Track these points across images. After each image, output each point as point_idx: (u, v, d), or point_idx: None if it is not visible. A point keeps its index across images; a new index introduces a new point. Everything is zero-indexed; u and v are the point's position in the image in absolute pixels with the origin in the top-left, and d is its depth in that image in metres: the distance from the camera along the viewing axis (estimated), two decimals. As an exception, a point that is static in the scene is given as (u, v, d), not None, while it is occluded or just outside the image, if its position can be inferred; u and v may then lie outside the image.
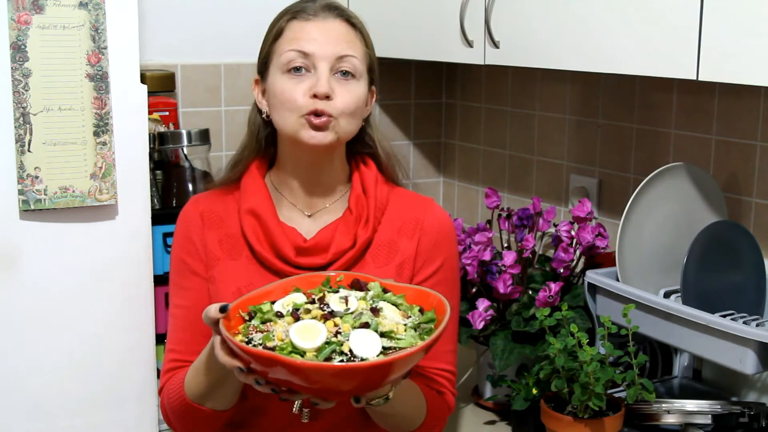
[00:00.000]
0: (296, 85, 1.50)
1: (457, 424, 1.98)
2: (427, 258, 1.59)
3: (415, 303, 1.36)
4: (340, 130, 1.52)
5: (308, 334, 1.24)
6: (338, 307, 1.30)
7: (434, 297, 1.35)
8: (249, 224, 1.57)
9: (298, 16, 1.54)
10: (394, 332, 1.26)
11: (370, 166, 1.62)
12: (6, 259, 1.74)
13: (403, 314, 1.32)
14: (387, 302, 1.34)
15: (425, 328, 1.30)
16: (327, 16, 1.54)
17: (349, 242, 1.55)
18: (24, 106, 1.70)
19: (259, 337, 1.27)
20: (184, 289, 1.60)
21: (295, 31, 1.53)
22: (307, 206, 1.61)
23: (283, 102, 1.51)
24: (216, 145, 2.27)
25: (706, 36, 1.46)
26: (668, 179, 1.77)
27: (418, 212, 1.61)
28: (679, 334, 1.66)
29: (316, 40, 1.51)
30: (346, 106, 1.51)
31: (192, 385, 1.49)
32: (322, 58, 1.50)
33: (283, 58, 1.52)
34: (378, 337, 1.24)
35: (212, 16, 2.33)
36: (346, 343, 1.22)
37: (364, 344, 1.23)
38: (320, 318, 1.28)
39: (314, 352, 1.22)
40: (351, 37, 1.55)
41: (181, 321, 1.59)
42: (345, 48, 1.52)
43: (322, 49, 1.51)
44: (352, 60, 1.53)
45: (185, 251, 1.60)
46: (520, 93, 2.40)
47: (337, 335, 1.24)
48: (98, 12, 1.73)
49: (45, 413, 1.81)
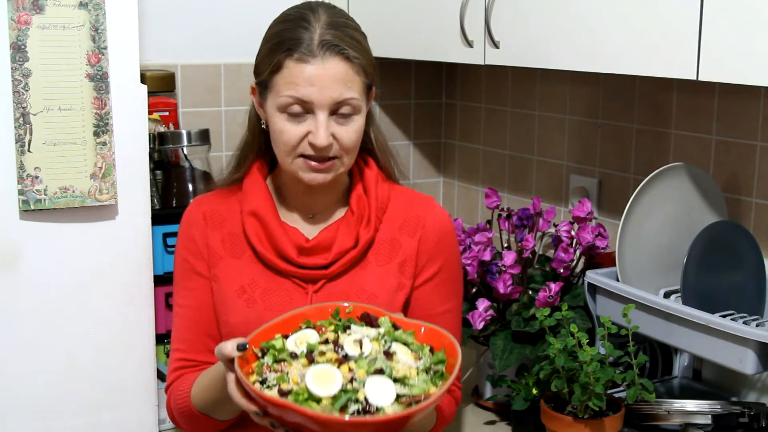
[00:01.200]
0: (294, 128, 1.48)
1: (457, 424, 1.98)
2: (430, 257, 1.60)
3: (425, 341, 1.36)
4: (340, 167, 1.52)
5: (323, 380, 1.25)
6: (353, 351, 1.30)
7: (444, 337, 1.36)
8: (251, 225, 1.57)
9: (295, 54, 1.46)
10: (407, 378, 1.27)
11: (371, 165, 1.62)
12: (6, 259, 1.74)
13: (414, 355, 1.33)
14: (398, 341, 1.34)
15: (436, 370, 1.31)
16: (325, 56, 1.46)
17: (351, 242, 1.56)
18: (24, 106, 1.70)
19: (273, 377, 1.27)
20: (187, 289, 1.60)
21: (293, 73, 1.46)
22: (308, 207, 1.61)
23: (280, 142, 1.50)
24: (216, 145, 2.27)
25: (706, 36, 1.46)
26: (668, 179, 1.77)
27: (420, 210, 1.61)
28: (679, 334, 1.66)
29: (314, 86, 1.45)
30: (348, 145, 1.50)
31: (199, 398, 1.51)
32: (321, 106, 1.46)
33: (280, 101, 1.48)
34: (392, 385, 1.26)
35: (212, 16, 2.33)
36: (361, 391, 1.23)
37: (379, 392, 1.24)
38: (334, 362, 1.28)
39: (330, 399, 1.23)
40: (350, 76, 1.48)
41: (186, 320, 1.60)
42: (344, 91, 1.47)
43: (321, 96, 1.46)
44: (350, 102, 1.48)
45: (188, 251, 1.61)
46: (520, 93, 2.40)
47: (352, 381, 1.25)
48: (98, 12, 1.73)
49: (45, 413, 1.81)
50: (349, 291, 1.55)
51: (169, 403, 1.58)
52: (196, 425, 1.55)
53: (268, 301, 1.55)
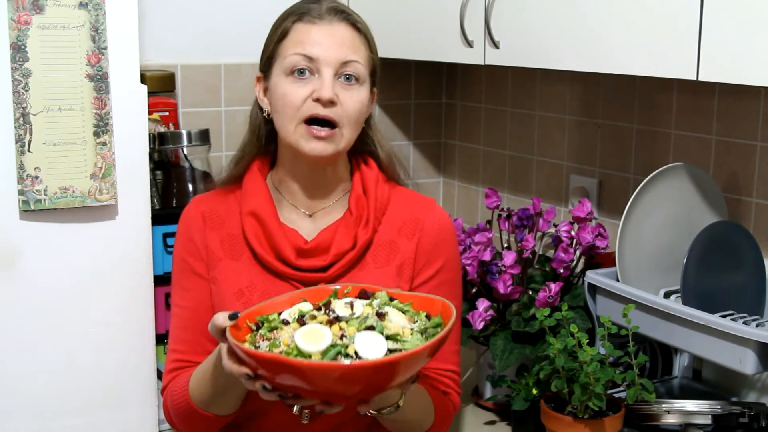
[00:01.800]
0: (299, 89, 1.50)
1: (457, 424, 1.98)
2: (428, 259, 1.59)
3: (422, 309, 1.36)
4: (342, 140, 1.52)
5: (313, 338, 1.24)
6: (343, 312, 1.30)
7: (440, 302, 1.35)
8: (250, 226, 1.56)
9: (304, 18, 1.52)
10: (400, 335, 1.26)
11: (371, 165, 1.62)
12: (6, 259, 1.74)
13: (409, 319, 1.32)
14: (393, 308, 1.34)
15: (432, 332, 1.30)
16: (333, 20, 1.52)
17: (349, 243, 1.55)
18: (24, 106, 1.70)
19: (266, 344, 1.27)
20: (185, 290, 1.60)
21: (300, 33, 1.52)
22: (308, 207, 1.60)
23: (285, 106, 1.51)
24: (216, 145, 2.27)
25: (706, 36, 1.46)
26: (668, 179, 1.77)
27: (419, 212, 1.61)
28: (679, 334, 1.66)
29: (321, 44, 1.50)
30: (350, 112, 1.51)
31: (196, 391, 1.50)
32: (327, 63, 1.49)
33: (287, 61, 1.51)
34: (383, 339, 1.25)
35: (212, 16, 2.33)
36: (351, 346, 1.22)
37: (370, 346, 1.23)
38: (326, 323, 1.28)
39: (320, 354, 1.22)
40: (356, 41, 1.54)
41: (184, 321, 1.59)
42: (350, 53, 1.51)
43: (327, 53, 1.49)
44: (356, 65, 1.52)
45: (187, 251, 1.60)
46: (520, 93, 2.40)
47: (342, 338, 1.24)
48: (98, 12, 1.73)
49: (45, 413, 1.81)
50: None
51: (166, 404, 1.58)
52: (193, 423, 1.53)
53: None
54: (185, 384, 1.52)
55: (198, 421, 1.52)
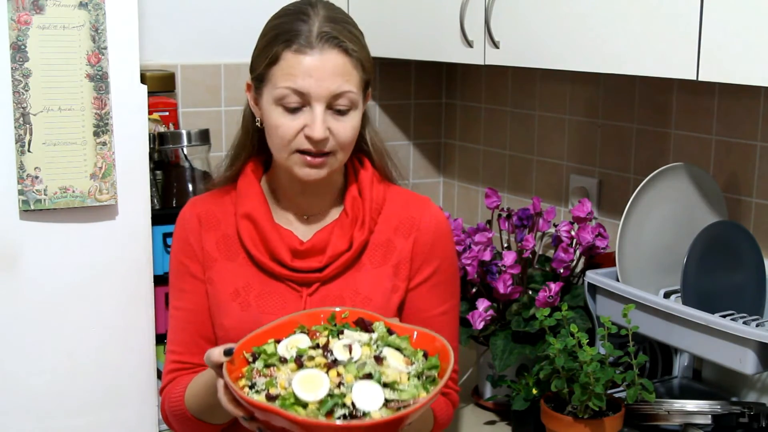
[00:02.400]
0: (290, 122, 1.47)
1: (457, 424, 1.98)
2: (425, 259, 1.59)
3: (420, 346, 1.34)
4: (336, 162, 1.51)
5: (311, 385, 1.23)
6: (342, 356, 1.29)
7: (439, 342, 1.34)
8: (245, 228, 1.56)
9: (293, 46, 1.45)
10: (397, 383, 1.26)
11: (366, 166, 1.61)
12: (6, 259, 1.74)
13: (406, 360, 1.31)
14: (391, 347, 1.32)
15: (428, 375, 1.29)
16: (324, 48, 1.45)
17: (345, 245, 1.55)
18: (24, 106, 1.70)
19: (262, 382, 1.26)
20: (182, 291, 1.60)
21: (291, 64, 1.45)
22: (303, 209, 1.60)
23: (276, 137, 1.49)
24: (216, 145, 2.27)
25: (706, 36, 1.46)
26: (668, 179, 1.77)
27: (415, 212, 1.60)
28: (679, 334, 1.66)
29: (312, 77, 1.44)
30: (344, 141, 1.49)
31: (192, 403, 1.51)
32: (318, 98, 1.45)
33: (277, 93, 1.46)
34: (380, 390, 1.24)
35: (212, 16, 2.33)
36: (348, 395, 1.22)
37: (367, 397, 1.22)
38: (323, 366, 1.27)
39: (317, 404, 1.22)
40: (348, 69, 1.47)
41: (181, 323, 1.60)
42: (342, 83, 1.46)
43: (318, 88, 1.45)
44: (348, 95, 1.47)
45: (183, 253, 1.60)
46: (520, 93, 2.40)
47: (339, 386, 1.24)
48: (98, 12, 1.73)
49: (45, 413, 1.81)
50: (343, 294, 1.54)
51: (163, 406, 1.59)
52: (190, 428, 1.54)
53: (263, 305, 1.54)
54: (182, 392, 1.53)
55: (194, 427, 1.54)
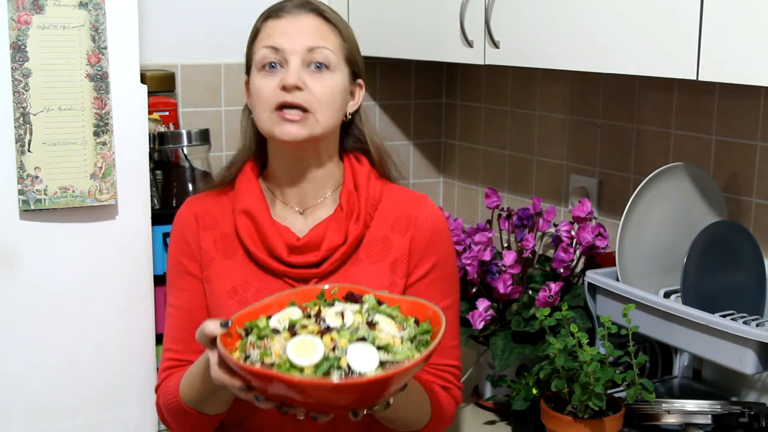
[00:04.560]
0: (269, 81, 1.52)
1: (457, 424, 1.98)
2: (422, 256, 1.59)
3: (411, 314, 1.35)
4: (316, 125, 1.52)
5: (305, 351, 1.24)
6: (334, 322, 1.29)
7: (429, 308, 1.35)
8: (243, 224, 1.57)
9: (272, 16, 1.56)
10: (391, 345, 1.26)
11: (363, 162, 1.62)
12: (6, 259, 1.74)
13: (398, 326, 1.32)
14: (382, 314, 1.33)
15: (421, 339, 1.30)
16: (299, 12, 1.55)
17: (340, 239, 1.55)
18: (24, 106, 1.70)
19: (256, 353, 1.26)
20: (179, 290, 1.61)
21: (268, 29, 1.56)
22: (300, 204, 1.61)
23: (257, 98, 1.54)
24: (216, 145, 2.27)
25: (706, 36, 1.46)
26: (668, 179, 1.77)
27: (411, 208, 1.61)
28: (679, 334, 1.66)
29: (286, 34, 1.53)
30: (320, 97, 1.52)
31: (187, 392, 1.50)
32: (292, 52, 1.52)
33: (257, 56, 1.55)
34: (375, 351, 1.24)
35: (212, 16, 2.33)
36: (343, 358, 1.22)
37: (362, 358, 1.23)
38: (317, 333, 1.27)
39: (312, 368, 1.22)
40: (323, 30, 1.55)
41: (178, 321, 1.60)
42: (316, 40, 1.53)
43: (292, 42, 1.52)
44: (323, 51, 1.53)
45: (181, 252, 1.61)
46: (520, 93, 2.40)
47: (334, 350, 1.24)
48: (98, 12, 1.73)
49: (45, 413, 1.81)
50: None
51: (159, 402, 1.58)
52: (185, 423, 1.54)
53: None
54: (176, 384, 1.53)
55: (189, 421, 1.53)
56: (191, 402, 1.50)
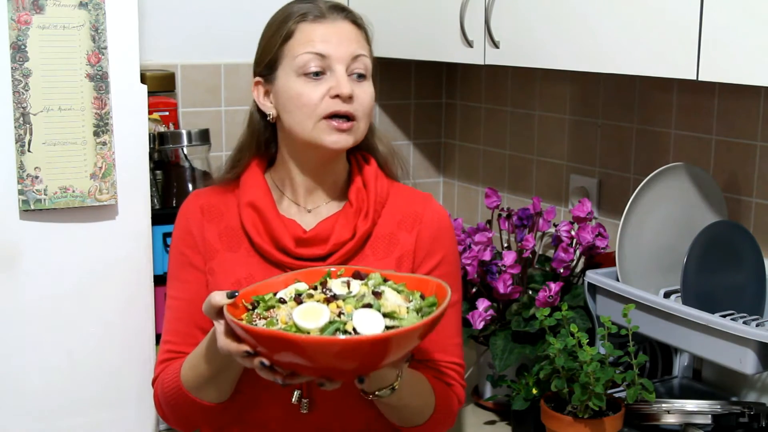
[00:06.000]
0: (315, 88, 1.51)
1: (457, 424, 1.98)
2: (428, 253, 1.60)
3: (416, 289, 1.37)
4: (359, 131, 1.54)
5: (311, 316, 1.25)
6: (340, 291, 1.32)
7: (434, 283, 1.37)
8: (248, 216, 1.57)
9: (307, 18, 1.53)
10: (397, 313, 1.28)
11: (371, 162, 1.63)
12: (6, 259, 1.74)
13: (404, 299, 1.34)
14: (389, 288, 1.35)
15: (427, 311, 1.31)
16: (336, 18, 1.54)
17: (348, 234, 1.56)
18: (24, 106, 1.70)
19: (262, 323, 1.28)
20: (182, 282, 1.61)
21: (307, 33, 1.52)
22: (308, 203, 1.61)
23: (301, 106, 1.52)
24: (216, 145, 2.28)
25: (706, 36, 1.46)
26: (668, 179, 1.77)
27: (418, 207, 1.62)
28: (679, 334, 1.66)
29: (330, 42, 1.51)
30: (365, 106, 1.54)
31: (189, 376, 1.50)
32: (339, 60, 1.51)
33: (298, 61, 1.51)
34: (381, 317, 1.26)
35: (212, 16, 2.33)
36: (349, 323, 1.24)
37: (368, 323, 1.25)
38: (323, 301, 1.29)
39: (318, 331, 1.23)
40: (360, 37, 1.56)
41: (178, 312, 1.60)
42: (358, 48, 1.53)
43: (338, 50, 1.51)
44: (364, 60, 1.54)
45: (185, 244, 1.61)
46: (520, 93, 2.40)
47: (340, 315, 1.26)
48: (98, 12, 1.73)
49: (45, 413, 1.81)
50: None
51: (156, 393, 1.58)
52: (184, 412, 1.54)
53: None
54: (177, 370, 1.53)
55: (188, 409, 1.52)
56: (192, 386, 1.50)
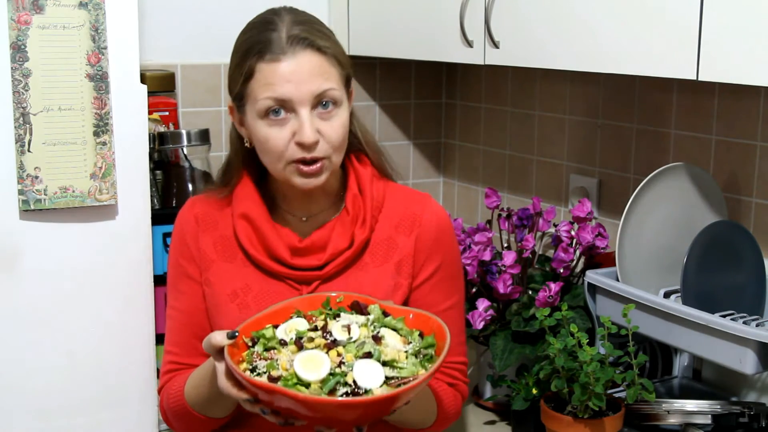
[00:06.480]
0: (278, 132, 1.45)
1: (457, 424, 1.98)
2: (428, 256, 1.59)
3: (415, 327, 1.37)
4: (331, 165, 1.50)
5: (312, 365, 1.26)
6: (341, 336, 1.31)
7: (434, 321, 1.36)
8: (242, 228, 1.56)
9: (266, 56, 1.44)
10: (396, 361, 1.28)
11: (365, 162, 1.61)
12: (6, 259, 1.74)
13: (403, 340, 1.34)
14: (387, 327, 1.35)
15: (426, 353, 1.32)
16: (296, 51, 1.44)
17: (346, 242, 1.55)
18: (24, 106, 1.70)
19: (263, 364, 1.28)
20: (179, 292, 1.61)
21: (266, 74, 1.44)
22: (302, 211, 1.60)
23: (267, 150, 1.47)
24: (216, 145, 2.27)
25: (706, 36, 1.46)
26: (668, 179, 1.77)
27: (416, 208, 1.60)
28: (679, 334, 1.66)
29: (290, 82, 1.43)
30: (335, 141, 1.47)
31: (192, 395, 1.51)
32: (301, 103, 1.43)
33: (259, 105, 1.44)
34: (381, 367, 1.27)
35: (212, 16, 2.33)
36: (350, 374, 1.24)
37: (368, 375, 1.25)
38: (323, 347, 1.29)
39: (319, 383, 1.24)
40: (325, 67, 1.46)
41: (178, 323, 1.60)
42: (321, 83, 1.44)
43: (299, 92, 1.43)
44: (330, 93, 1.45)
45: (181, 254, 1.61)
46: (520, 93, 2.40)
47: (340, 365, 1.26)
48: (98, 12, 1.73)
49: (45, 413, 1.81)
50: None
51: (162, 404, 1.59)
52: (190, 424, 1.54)
53: (262, 305, 1.53)
54: (181, 387, 1.53)
55: (194, 423, 1.53)
56: (197, 405, 1.50)
